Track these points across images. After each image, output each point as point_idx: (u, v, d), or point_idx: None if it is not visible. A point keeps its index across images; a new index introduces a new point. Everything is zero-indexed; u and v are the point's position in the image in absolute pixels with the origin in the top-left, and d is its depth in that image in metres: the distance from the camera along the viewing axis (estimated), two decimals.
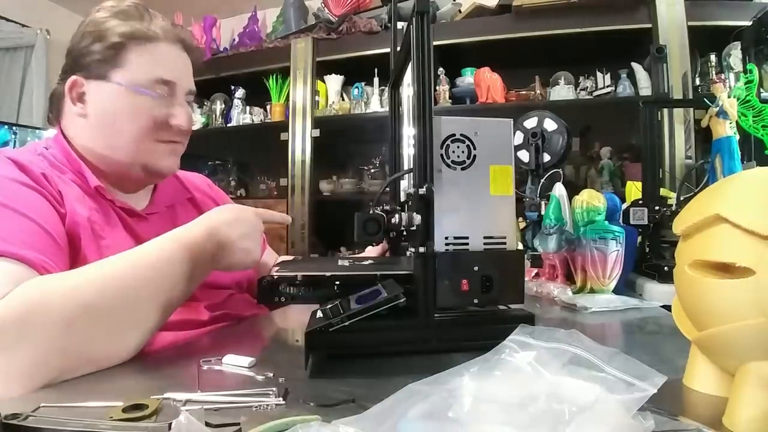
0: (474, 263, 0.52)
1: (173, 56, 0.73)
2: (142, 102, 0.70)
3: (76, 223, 0.62)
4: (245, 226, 0.62)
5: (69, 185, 0.65)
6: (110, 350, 0.50)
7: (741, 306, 0.34)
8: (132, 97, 0.69)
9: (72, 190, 0.65)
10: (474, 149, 0.54)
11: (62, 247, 0.58)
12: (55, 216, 0.60)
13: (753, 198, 0.36)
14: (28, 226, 0.55)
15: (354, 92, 2.40)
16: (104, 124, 0.70)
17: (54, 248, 0.57)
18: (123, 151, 0.71)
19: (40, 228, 0.56)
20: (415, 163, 0.51)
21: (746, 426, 0.33)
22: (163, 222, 0.75)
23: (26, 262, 0.51)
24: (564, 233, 0.91)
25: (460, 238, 0.53)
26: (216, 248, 0.59)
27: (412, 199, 0.52)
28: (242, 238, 0.61)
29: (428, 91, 0.50)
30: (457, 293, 0.51)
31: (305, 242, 2.32)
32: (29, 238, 0.54)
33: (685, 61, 1.81)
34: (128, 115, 0.69)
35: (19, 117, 2.82)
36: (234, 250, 0.60)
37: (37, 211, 0.57)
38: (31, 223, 0.55)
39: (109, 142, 0.70)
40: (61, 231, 0.60)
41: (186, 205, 0.85)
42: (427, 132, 0.50)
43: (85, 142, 0.71)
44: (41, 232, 0.56)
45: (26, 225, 0.55)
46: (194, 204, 0.86)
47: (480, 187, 0.54)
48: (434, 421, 0.28)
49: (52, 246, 0.57)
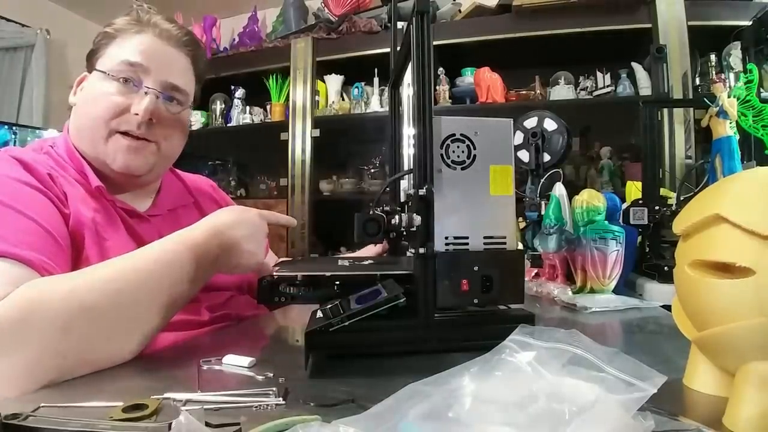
0: (474, 263, 0.52)
1: (154, 46, 0.71)
2: (108, 86, 0.69)
3: (81, 224, 0.62)
4: (249, 227, 0.62)
5: (73, 185, 0.66)
6: (110, 351, 0.50)
7: (741, 306, 0.34)
8: (102, 81, 0.69)
9: (76, 191, 0.65)
10: (474, 149, 0.54)
11: (64, 247, 0.58)
12: (58, 216, 0.60)
13: (753, 198, 0.36)
14: (30, 226, 0.55)
15: (354, 92, 2.40)
16: (78, 110, 0.72)
17: (55, 249, 0.56)
18: (85, 140, 0.70)
19: (42, 228, 0.56)
20: (415, 163, 0.51)
21: (746, 426, 0.33)
22: (165, 224, 0.74)
23: (26, 262, 0.51)
24: (564, 233, 0.91)
25: (460, 238, 0.53)
26: (220, 250, 0.59)
27: (412, 200, 0.52)
28: (246, 240, 0.61)
29: (428, 91, 0.50)
30: (457, 293, 0.51)
31: (305, 242, 2.32)
32: (30, 238, 0.54)
33: (685, 61, 1.81)
34: (93, 98, 0.70)
35: (19, 117, 2.82)
36: (238, 251, 0.60)
37: (39, 211, 0.57)
38: (32, 223, 0.55)
39: (77, 128, 0.71)
40: (64, 232, 0.59)
41: (189, 208, 0.84)
42: (427, 132, 0.50)
43: (72, 135, 0.72)
44: (43, 232, 0.56)
45: (28, 225, 0.55)
46: (198, 207, 0.85)
47: (480, 187, 0.54)
48: (434, 421, 0.28)
49: (54, 246, 0.56)
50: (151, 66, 0.70)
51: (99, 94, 0.69)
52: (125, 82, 0.69)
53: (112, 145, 0.69)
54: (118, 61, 0.69)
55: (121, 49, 0.70)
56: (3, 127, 2.52)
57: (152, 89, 0.70)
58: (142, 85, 0.69)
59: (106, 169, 0.71)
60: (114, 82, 0.69)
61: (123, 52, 0.70)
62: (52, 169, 0.65)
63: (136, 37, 0.71)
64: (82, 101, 0.72)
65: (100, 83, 0.70)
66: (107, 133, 0.69)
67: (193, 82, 0.79)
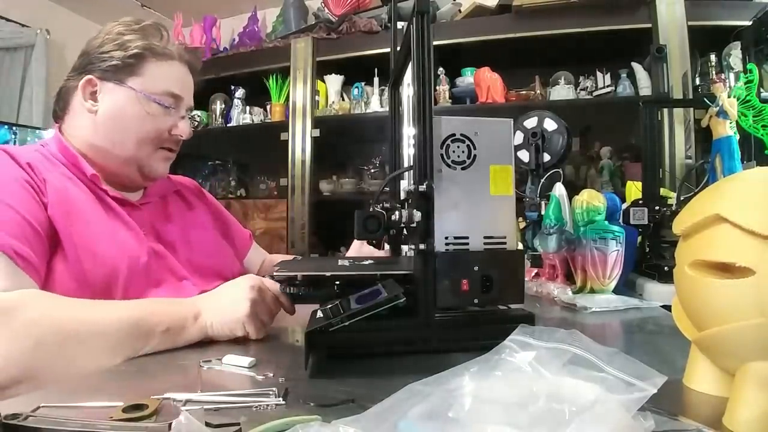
0: (474, 263, 0.52)
1: (182, 74, 0.83)
2: (153, 109, 0.78)
3: (61, 209, 0.66)
4: (232, 291, 0.62)
5: (55, 175, 0.70)
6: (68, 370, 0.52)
7: (741, 306, 0.34)
8: (144, 103, 0.77)
9: (59, 179, 0.70)
10: (474, 149, 0.54)
11: (41, 233, 0.62)
12: (34, 204, 0.63)
13: (753, 198, 0.36)
14: (7, 213, 0.60)
15: (354, 92, 2.39)
16: (113, 122, 0.77)
17: (31, 234, 0.61)
18: (124, 147, 0.77)
19: (19, 215, 0.60)
20: (414, 161, 0.51)
21: (746, 426, 0.33)
22: (155, 211, 0.82)
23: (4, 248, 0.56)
24: (564, 233, 0.91)
25: (460, 237, 0.53)
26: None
27: (412, 197, 0.51)
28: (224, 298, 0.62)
29: (428, 91, 0.50)
30: (458, 293, 0.51)
31: (305, 242, 2.31)
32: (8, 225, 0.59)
33: (685, 61, 1.81)
34: (138, 118, 0.77)
35: (19, 117, 2.82)
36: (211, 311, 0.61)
37: (20, 201, 0.62)
38: (10, 210, 0.60)
39: (112, 137, 0.77)
40: (41, 218, 0.63)
41: (173, 196, 0.91)
42: (427, 131, 0.50)
43: (87, 135, 0.77)
44: (20, 219, 0.60)
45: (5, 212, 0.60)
46: (180, 195, 0.92)
47: (480, 186, 0.54)
48: (434, 421, 0.28)
49: (30, 233, 0.60)
50: (184, 95, 0.82)
51: (143, 115, 0.77)
52: (166, 108, 0.79)
53: (156, 157, 0.80)
54: (162, 90, 0.78)
55: (159, 76, 0.79)
56: (3, 127, 2.52)
57: (187, 114, 0.83)
58: (179, 110, 0.81)
59: (133, 174, 0.79)
60: (157, 106, 0.78)
61: (165, 83, 0.79)
62: (37, 161, 0.69)
63: (169, 66, 0.80)
64: (113, 114, 0.77)
65: (142, 104, 0.77)
66: (153, 148, 0.80)
67: None
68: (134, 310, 0.57)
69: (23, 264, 0.58)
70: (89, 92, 0.77)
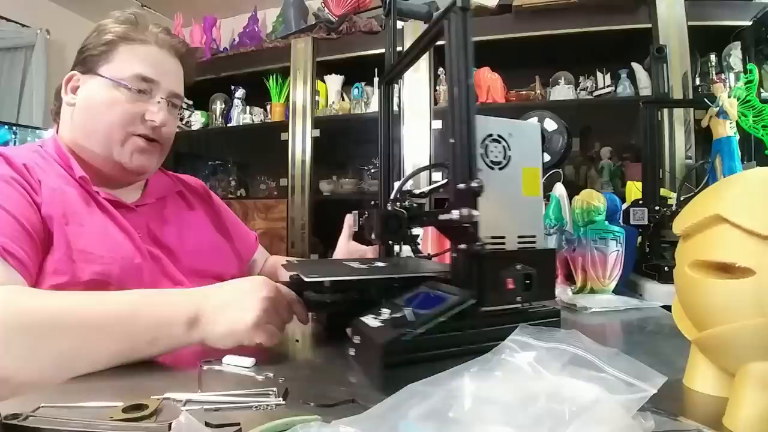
0: (515, 262, 0.51)
1: (159, 58, 0.78)
2: (120, 94, 0.74)
3: (54, 210, 0.65)
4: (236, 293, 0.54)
5: (51, 175, 0.69)
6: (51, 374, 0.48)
7: (741, 306, 0.34)
8: (112, 88, 0.74)
9: (55, 180, 0.69)
10: (509, 150, 0.54)
11: (32, 233, 0.61)
12: (27, 205, 0.63)
13: (753, 198, 0.36)
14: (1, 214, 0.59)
15: (354, 92, 2.40)
16: (86, 113, 0.75)
17: (23, 234, 0.60)
18: (96, 141, 0.75)
19: (11, 216, 0.59)
20: (454, 159, 0.49)
21: (746, 426, 0.33)
22: (152, 213, 0.80)
23: None
24: (564, 233, 0.91)
25: (497, 237, 0.52)
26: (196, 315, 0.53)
27: (455, 196, 0.49)
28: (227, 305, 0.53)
29: (471, 88, 0.49)
30: (503, 291, 0.50)
31: (305, 242, 2.31)
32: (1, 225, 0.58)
33: (685, 61, 1.81)
34: (105, 105, 0.74)
35: (19, 117, 2.82)
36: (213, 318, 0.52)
37: (12, 201, 0.61)
38: (2, 211, 0.59)
39: (87, 130, 0.75)
40: (34, 219, 0.63)
41: (175, 197, 0.88)
42: (471, 129, 0.49)
43: (71, 133, 0.76)
44: (11, 219, 0.59)
45: None
46: (182, 197, 0.90)
47: (514, 187, 0.54)
48: (434, 421, 0.28)
49: (22, 233, 0.60)
50: (161, 79, 0.77)
51: (111, 101, 0.74)
52: (138, 92, 0.75)
53: (128, 147, 0.75)
54: (130, 74, 0.74)
55: (129, 60, 0.75)
56: (3, 127, 2.52)
57: (164, 99, 0.77)
58: (153, 95, 0.76)
59: (113, 169, 0.76)
60: (126, 90, 0.74)
61: (134, 66, 0.75)
62: (31, 161, 0.69)
63: (142, 49, 0.76)
64: (86, 104, 0.75)
65: (109, 90, 0.74)
66: (123, 136, 0.75)
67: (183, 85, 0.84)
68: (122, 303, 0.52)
69: (13, 261, 0.57)
70: (72, 87, 0.77)
